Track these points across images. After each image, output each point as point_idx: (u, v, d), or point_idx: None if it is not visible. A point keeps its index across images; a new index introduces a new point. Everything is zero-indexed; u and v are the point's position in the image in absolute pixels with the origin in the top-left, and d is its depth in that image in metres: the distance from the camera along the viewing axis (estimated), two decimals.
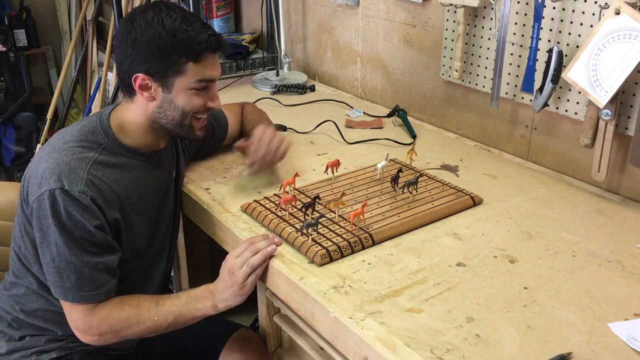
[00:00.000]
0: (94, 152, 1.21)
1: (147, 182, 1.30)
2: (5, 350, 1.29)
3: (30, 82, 3.72)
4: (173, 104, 1.23)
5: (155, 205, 1.35)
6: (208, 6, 2.68)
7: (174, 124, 1.25)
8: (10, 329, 1.30)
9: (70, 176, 1.14)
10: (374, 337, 0.96)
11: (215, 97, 1.28)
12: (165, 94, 1.22)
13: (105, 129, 1.24)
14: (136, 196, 1.27)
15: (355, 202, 1.34)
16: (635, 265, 1.16)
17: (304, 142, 1.75)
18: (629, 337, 0.96)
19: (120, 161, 1.24)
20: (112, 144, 1.24)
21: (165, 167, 1.38)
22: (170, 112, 1.24)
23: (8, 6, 3.82)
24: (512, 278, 1.11)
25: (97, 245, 1.17)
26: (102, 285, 1.18)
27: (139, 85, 1.21)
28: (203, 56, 1.20)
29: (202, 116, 1.28)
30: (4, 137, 3.62)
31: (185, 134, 1.29)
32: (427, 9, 1.82)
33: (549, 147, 1.59)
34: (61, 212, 1.13)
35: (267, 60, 2.46)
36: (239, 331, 1.40)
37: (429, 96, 1.91)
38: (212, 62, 1.23)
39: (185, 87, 1.22)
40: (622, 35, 1.28)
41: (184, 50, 1.18)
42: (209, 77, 1.23)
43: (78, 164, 1.17)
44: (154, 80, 1.21)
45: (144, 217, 1.30)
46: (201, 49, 1.19)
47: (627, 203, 1.40)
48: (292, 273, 1.13)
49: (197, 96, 1.24)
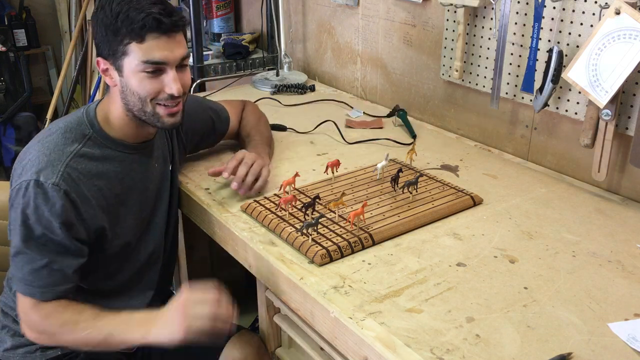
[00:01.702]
0: (77, 143, 1.20)
1: (136, 174, 1.29)
2: (10, 345, 1.30)
3: (30, 82, 3.72)
4: (129, 88, 1.19)
5: (148, 198, 1.33)
6: (208, 6, 2.68)
7: (138, 110, 1.21)
8: (15, 325, 1.31)
9: (47, 169, 1.14)
10: (374, 337, 0.96)
11: (172, 82, 1.19)
12: (121, 78, 1.19)
13: (91, 120, 1.24)
14: (122, 188, 1.25)
15: (355, 202, 1.34)
16: (635, 265, 1.16)
17: (304, 142, 1.75)
18: (629, 337, 0.95)
19: (105, 153, 1.23)
20: (97, 135, 1.23)
21: (159, 161, 1.36)
22: (129, 97, 1.20)
23: (8, 6, 3.81)
24: (512, 278, 1.11)
25: (57, 244, 1.15)
26: (52, 285, 1.16)
27: (101, 70, 1.22)
28: (147, 37, 1.14)
29: (166, 103, 1.21)
30: (4, 137, 3.62)
31: (153, 122, 1.23)
32: (427, 9, 1.82)
33: (549, 147, 1.59)
34: (29, 204, 1.13)
35: (267, 60, 2.46)
36: (239, 333, 1.40)
37: (429, 96, 1.91)
38: (161, 44, 1.16)
39: (132, 69, 1.17)
40: (622, 35, 1.28)
41: (125, 30, 1.14)
42: (156, 59, 1.16)
43: (58, 156, 1.16)
44: (110, 63, 1.19)
45: (132, 209, 1.29)
46: (138, 27, 1.13)
47: (627, 203, 1.40)
48: (292, 273, 1.13)
49: (150, 80, 1.18)
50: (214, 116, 1.57)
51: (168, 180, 1.40)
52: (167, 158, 1.40)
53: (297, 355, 1.38)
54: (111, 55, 1.18)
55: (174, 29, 1.17)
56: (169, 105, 1.22)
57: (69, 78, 3.89)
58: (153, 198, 1.35)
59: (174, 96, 1.20)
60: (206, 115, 1.55)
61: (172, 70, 1.19)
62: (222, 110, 1.60)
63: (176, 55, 1.19)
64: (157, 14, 1.14)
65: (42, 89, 4.15)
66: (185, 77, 1.24)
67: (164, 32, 1.16)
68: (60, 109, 3.80)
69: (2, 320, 1.33)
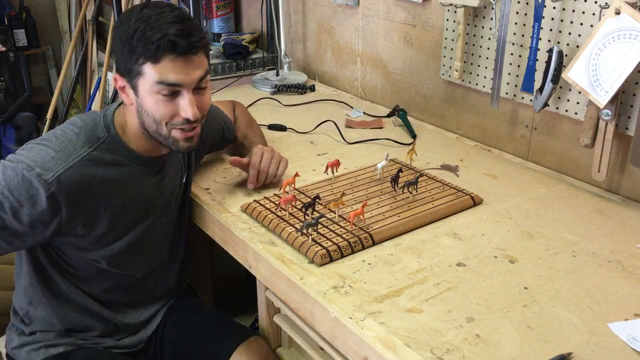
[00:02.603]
0: (89, 146, 1.17)
1: (139, 186, 1.26)
2: (17, 343, 1.32)
3: (30, 82, 3.72)
4: (144, 109, 1.16)
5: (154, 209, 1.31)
6: (208, 6, 2.68)
7: (153, 132, 1.18)
8: (22, 324, 1.33)
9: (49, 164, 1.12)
10: (374, 337, 0.96)
11: (188, 106, 1.14)
12: (136, 98, 1.16)
13: (107, 124, 1.21)
14: (120, 199, 1.22)
15: (355, 202, 1.34)
16: (635, 265, 1.16)
17: (304, 142, 1.75)
18: (629, 337, 0.95)
19: (116, 159, 1.21)
20: (112, 140, 1.21)
21: (170, 175, 1.34)
22: (145, 118, 1.17)
23: (8, 6, 3.81)
24: (512, 278, 1.11)
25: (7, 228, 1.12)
26: None
27: (119, 87, 1.19)
28: (162, 58, 1.10)
29: (182, 127, 1.17)
30: (4, 137, 3.62)
31: (169, 145, 1.20)
32: (427, 9, 1.82)
33: (549, 147, 1.59)
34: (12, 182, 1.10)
35: (267, 60, 2.46)
36: (247, 340, 1.39)
37: (429, 96, 1.91)
38: (177, 66, 1.11)
39: (147, 90, 1.13)
40: (622, 35, 1.28)
41: (140, 49, 1.10)
42: (170, 80, 1.11)
43: (65, 155, 1.14)
44: (126, 81, 1.16)
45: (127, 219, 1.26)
46: (153, 48, 1.09)
47: (627, 203, 1.40)
48: (292, 273, 1.13)
49: (165, 102, 1.14)
50: (224, 126, 1.55)
51: (178, 192, 1.37)
52: (179, 172, 1.37)
53: (297, 355, 1.38)
54: (127, 73, 1.15)
55: (191, 50, 1.12)
56: (185, 129, 1.18)
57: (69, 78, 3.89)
58: (160, 210, 1.33)
59: (190, 120, 1.16)
60: (219, 124, 1.53)
61: (189, 94, 1.14)
62: (228, 120, 1.57)
63: (192, 78, 1.14)
64: (174, 35, 1.09)
65: (42, 89, 4.15)
66: (204, 100, 1.20)
67: (180, 54, 1.11)
68: (60, 109, 3.80)
69: (12, 319, 1.35)
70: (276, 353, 1.40)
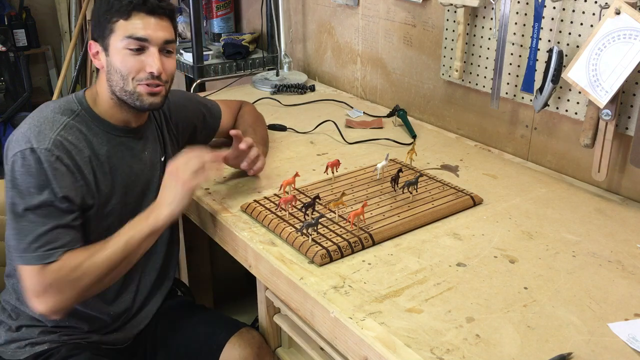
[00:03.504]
0: (67, 117, 1.24)
1: (123, 156, 1.31)
2: (3, 340, 1.31)
3: (30, 82, 3.72)
4: (112, 67, 1.24)
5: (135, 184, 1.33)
6: (208, 6, 2.68)
7: (119, 90, 1.25)
8: (10, 320, 1.32)
9: (39, 136, 1.18)
10: (374, 337, 0.96)
11: (153, 61, 1.23)
12: (107, 57, 1.25)
13: (79, 99, 1.29)
14: (110, 168, 1.27)
15: (355, 202, 1.34)
16: (635, 265, 1.16)
17: (304, 142, 1.75)
18: (629, 337, 0.96)
19: (93, 130, 1.27)
20: (86, 112, 1.27)
21: (149, 150, 1.37)
22: (113, 76, 1.24)
23: (8, 6, 3.82)
24: (512, 278, 1.11)
25: (56, 208, 1.17)
26: (60, 245, 1.17)
27: (92, 54, 1.28)
28: (133, 14, 1.21)
29: (147, 82, 1.24)
30: (4, 137, 3.62)
31: (133, 101, 1.26)
32: (427, 9, 1.82)
33: (549, 147, 1.59)
34: (29, 172, 1.15)
35: (267, 60, 2.46)
36: (239, 331, 1.40)
37: (429, 96, 1.91)
38: (145, 22, 1.22)
39: (117, 46, 1.22)
40: (622, 35, 1.28)
41: (114, 9, 1.22)
42: (139, 35, 1.22)
43: (49, 126, 1.20)
44: (99, 44, 1.26)
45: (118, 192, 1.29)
46: (124, 5, 1.21)
47: (627, 203, 1.40)
48: (292, 273, 1.13)
49: (132, 57, 1.23)
50: (205, 111, 1.58)
51: (159, 171, 1.39)
52: (158, 149, 1.41)
53: (297, 355, 1.38)
54: (101, 36, 1.25)
55: (159, 10, 1.23)
56: (150, 84, 1.25)
57: (69, 78, 3.90)
58: (141, 186, 1.35)
59: (154, 75, 1.24)
60: (197, 109, 1.57)
61: (155, 51, 1.24)
62: (215, 106, 1.62)
63: (159, 35, 1.24)
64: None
65: (42, 89, 4.16)
66: (169, 63, 1.28)
67: (149, 11, 1.22)
68: None
69: (1, 315, 1.35)
70: (276, 353, 1.40)
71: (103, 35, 1.24)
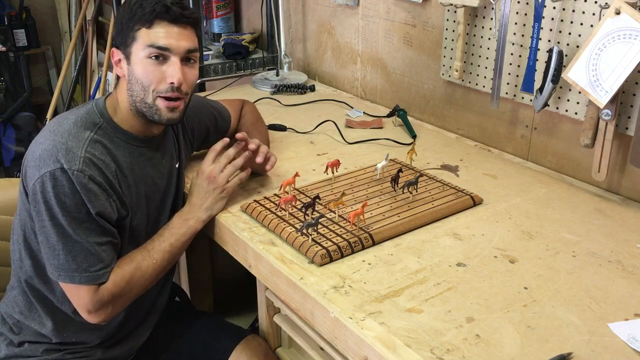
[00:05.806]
0: (90, 131, 1.21)
1: (145, 167, 1.29)
2: (3, 354, 1.28)
3: (30, 82, 3.72)
4: (134, 76, 1.22)
5: (155, 194, 1.33)
6: (208, 6, 2.68)
7: (140, 101, 1.22)
8: (11, 333, 1.30)
9: (68, 155, 1.15)
10: (374, 337, 0.96)
11: (174, 71, 1.20)
12: (128, 66, 1.23)
13: (100, 110, 1.25)
14: (133, 180, 1.26)
15: (355, 202, 1.34)
16: (635, 265, 1.16)
17: (304, 142, 1.75)
18: (629, 337, 0.95)
19: (115, 142, 1.24)
20: (107, 124, 1.24)
21: (167, 158, 1.37)
22: (134, 86, 1.22)
23: (8, 6, 3.82)
24: (512, 278, 1.11)
25: (97, 225, 1.16)
26: (108, 264, 1.19)
27: (115, 61, 1.26)
28: (155, 23, 1.19)
29: (167, 95, 1.22)
30: (4, 137, 3.62)
31: (152, 115, 1.24)
32: (427, 9, 1.82)
33: (549, 147, 1.59)
34: (63, 192, 1.13)
35: (267, 60, 2.46)
36: (246, 339, 1.39)
37: (429, 96, 1.91)
38: (168, 31, 1.20)
39: (139, 55, 1.20)
40: (622, 35, 1.28)
41: (136, 17, 1.20)
42: (161, 44, 1.19)
43: (75, 143, 1.17)
44: (121, 51, 1.24)
45: (141, 203, 1.29)
46: (148, 12, 1.19)
47: (627, 203, 1.40)
48: (292, 273, 1.13)
49: (153, 67, 1.20)
50: (217, 114, 1.57)
51: (175, 177, 1.39)
52: (174, 155, 1.40)
53: (297, 355, 1.38)
54: (123, 44, 1.23)
55: (182, 19, 1.21)
56: (170, 98, 1.22)
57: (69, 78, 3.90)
58: (160, 194, 1.35)
59: (175, 87, 1.21)
60: (209, 112, 1.56)
61: (177, 60, 1.21)
62: (224, 109, 1.61)
63: (181, 44, 1.21)
64: (170, 3, 1.20)
65: (42, 89, 4.16)
66: (190, 74, 1.25)
67: (172, 20, 1.20)
68: (60, 109, 3.81)
69: (0, 327, 1.32)
70: (276, 353, 1.40)
71: (125, 43, 1.22)
